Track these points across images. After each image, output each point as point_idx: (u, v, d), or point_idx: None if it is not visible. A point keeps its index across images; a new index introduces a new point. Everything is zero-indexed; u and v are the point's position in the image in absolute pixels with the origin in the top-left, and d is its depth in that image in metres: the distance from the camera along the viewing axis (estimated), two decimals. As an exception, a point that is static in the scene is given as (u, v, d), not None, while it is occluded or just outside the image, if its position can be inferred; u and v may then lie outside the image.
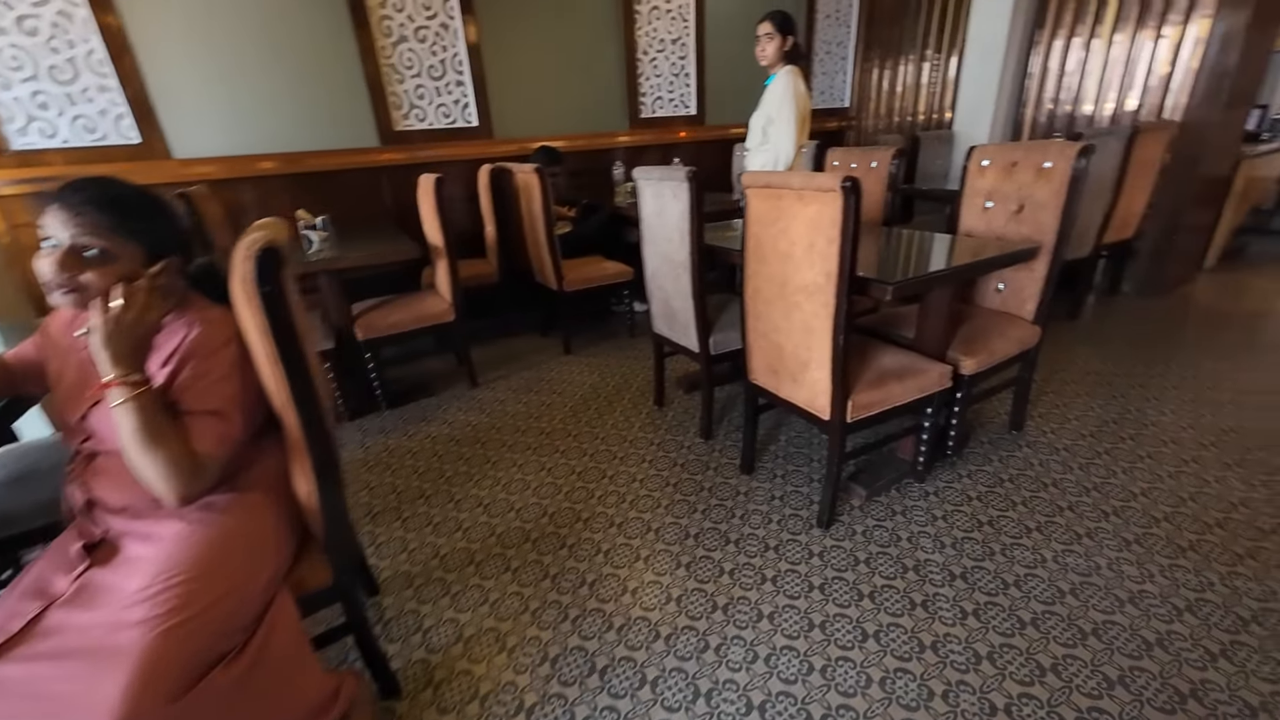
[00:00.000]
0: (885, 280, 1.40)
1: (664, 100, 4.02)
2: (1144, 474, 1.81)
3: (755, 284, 1.62)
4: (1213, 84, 3.02)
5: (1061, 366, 2.60)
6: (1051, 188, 1.76)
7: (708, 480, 1.94)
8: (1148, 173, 3.08)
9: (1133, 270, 3.49)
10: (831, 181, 1.25)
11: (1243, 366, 2.49)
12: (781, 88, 2.48)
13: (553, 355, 3.13)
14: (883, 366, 1.62)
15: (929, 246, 1.85)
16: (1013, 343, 1.83)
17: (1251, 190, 4.05)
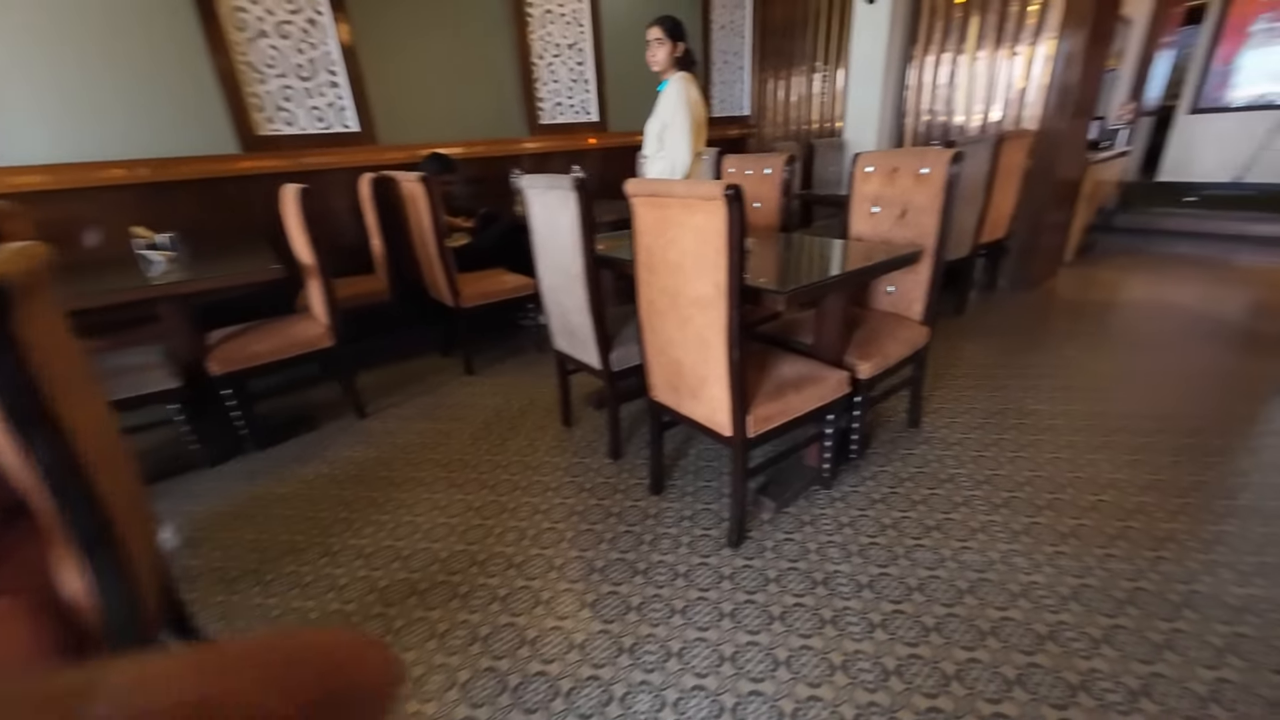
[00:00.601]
0: (777, 289, 1.36)
1: (564, 106, 3.91)
2: (1026, 463, 1.91)
3: (648, 296, 1.54)
4: (1060, 97, 3.33)
5: (951, 362, 2.74)
6: (930, 193, 1.81)
7: (616, 505, 1.83)
8: (1013, 178, 3.35)
9: (1006, 267, 3.79)
10: (714, 190, 1.19)
11: (1099, 354, 2.73)
12: (674, 94, 2.44)
13: (453, 377, 2.91)
14: (782, 376, 1.59)
15: (822, 252, 1.86)
16: (904, 344, 1.87)
17: (1097, 192, 4.55)
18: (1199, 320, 3.09)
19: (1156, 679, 1.16)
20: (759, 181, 2.38)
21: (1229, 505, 1.65)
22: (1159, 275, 4.00)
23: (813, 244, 1.96)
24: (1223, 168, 5.91)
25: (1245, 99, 5.77)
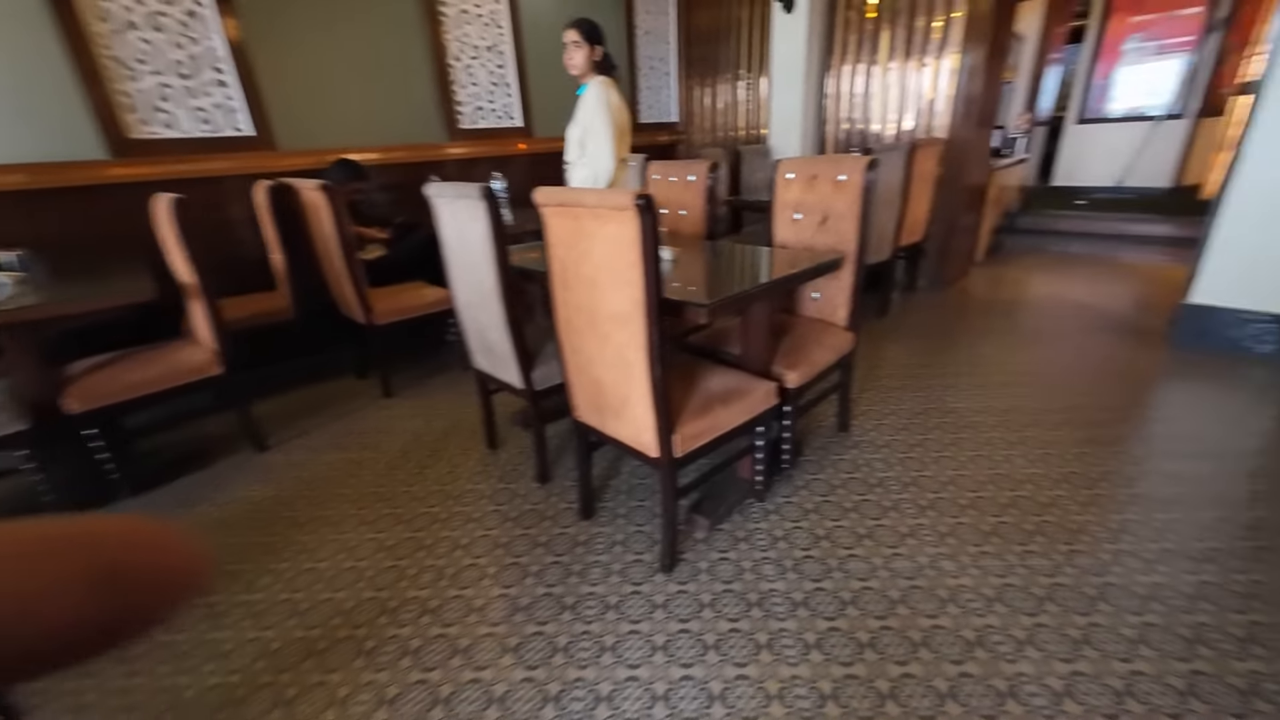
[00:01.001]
0: (699, 301, 1.30)
1: (485, 111, 3.75)
2: (950, 462, 1.95)
3: (565, 313, 1.45)
4: (965, 107, 3.51)
5: (877, 362, 2.80)
6: (848, 200, 1.82)
7: (543, 533, 1.72)
8: (927, 183, 3.49)
9: (924, 268, 3.95)
10: (625, 199, 1.11)
11: (1010, 350, 2.87)
12: (593, 99, 2.36)
13: (370, 400, 2.70)
14: (710, 391, 1.53)
15: (747, 260, 1.83)
16: (831, 351, 1.87)
17: (1002, 196, 4.85)
18: (1093, 314, 3.32)
19: (1077, 678, 1.18)
20: (683, 189, 2.34)
21: (1131, 494, 1.74)
22: (1057, 273, 4.30)
23: (737, 252, 1.93)
24: (1107, 173, 6.49)
25: (1122, 110, 6.37)
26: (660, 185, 2.42)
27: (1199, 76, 5.82)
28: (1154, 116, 6.11)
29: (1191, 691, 1.14)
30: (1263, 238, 2.47)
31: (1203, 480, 1.78)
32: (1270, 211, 2.43)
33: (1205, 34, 5.71)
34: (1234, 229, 2.54)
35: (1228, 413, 2.17)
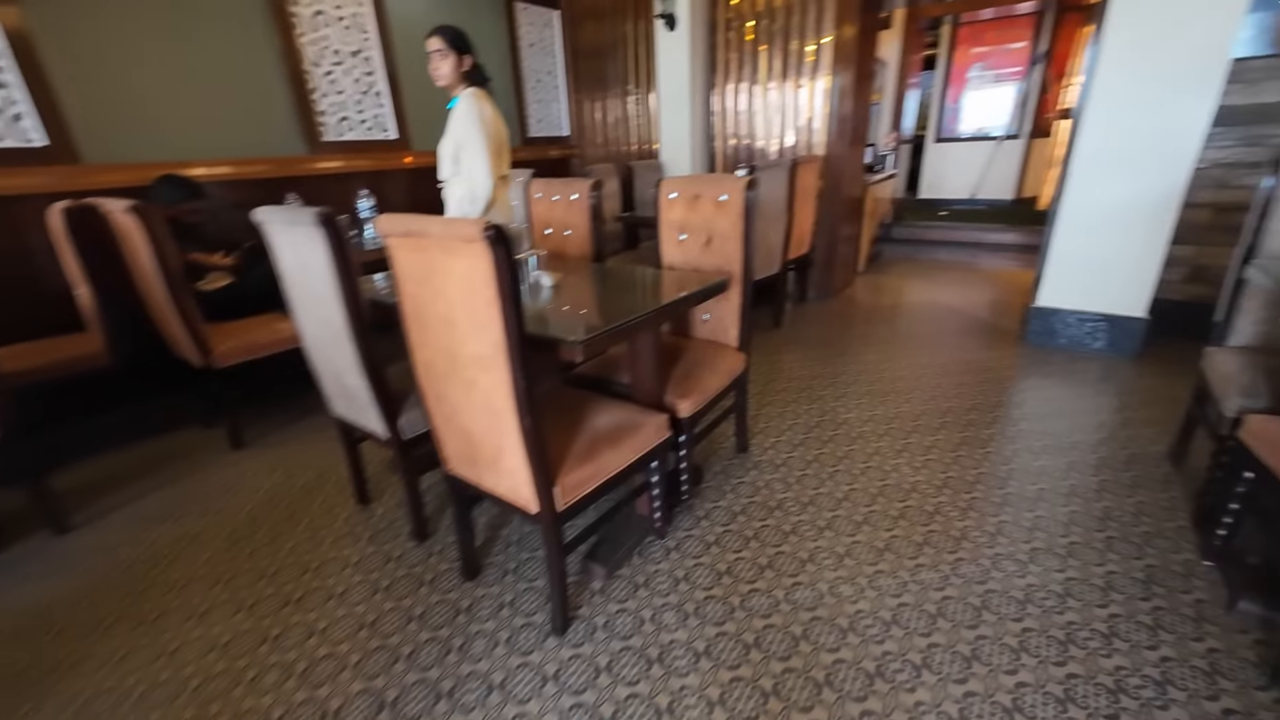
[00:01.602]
0: (571, 337, 1.18)
1: (353, 122, 3.42)
2: (844, 477, 1.97)
3: (424, 355, 1.27)
4: (839, 126, 3.71)
5: (773, 376, 2.84)
6: (731, 219, 1.79)
7: (419, 603, 1.51)
8: (809, 198, 3.63)
9: (813, 279, 4.12)
10: (473, 230, 0.97)
11: (892, 356, 3.03)
12: (464, 112, 2.19)
13: (216, 454, 2.32)
14: (596, 430, 1.42)
15: (633, 285, 1.74)
16: (723, 375, 1.82)
17: (877, 209, 5.20)
18: (960, 318, 3.60)
19: (970, 699, 1.18)
20: (567, 208, 2.22)
21: (1003, 495, 1.83)
22: (928, 279, 4.67)
23: (624, 276, 1.84)
24: (963, 186, 7.22)
25: (970, 131, 7.12)
26: (542, 204, 2.29)
27: (1029, 102, 6.64)
28: (996, 137, 6.88)
29: (1069, 697, 1.17)
30: (1089, 247, 2.78)
31: (1059, 474, 1.92)
32: (1093, 223, 2.74)
33: (1031, 66, 6.53)
34: (1066, 239, 2.84)
35: (1074, 406, 2.39)
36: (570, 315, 1.46)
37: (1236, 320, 1.73)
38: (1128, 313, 2.78)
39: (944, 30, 6.91)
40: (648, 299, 1.57)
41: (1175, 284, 2.94)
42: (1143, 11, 2.43)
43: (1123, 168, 2.61)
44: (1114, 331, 2.83)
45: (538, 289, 1.65)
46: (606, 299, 1.65)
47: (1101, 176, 2.67)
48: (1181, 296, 2.94)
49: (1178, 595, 1.41)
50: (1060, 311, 2.95)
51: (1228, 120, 2.63)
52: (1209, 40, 2.34)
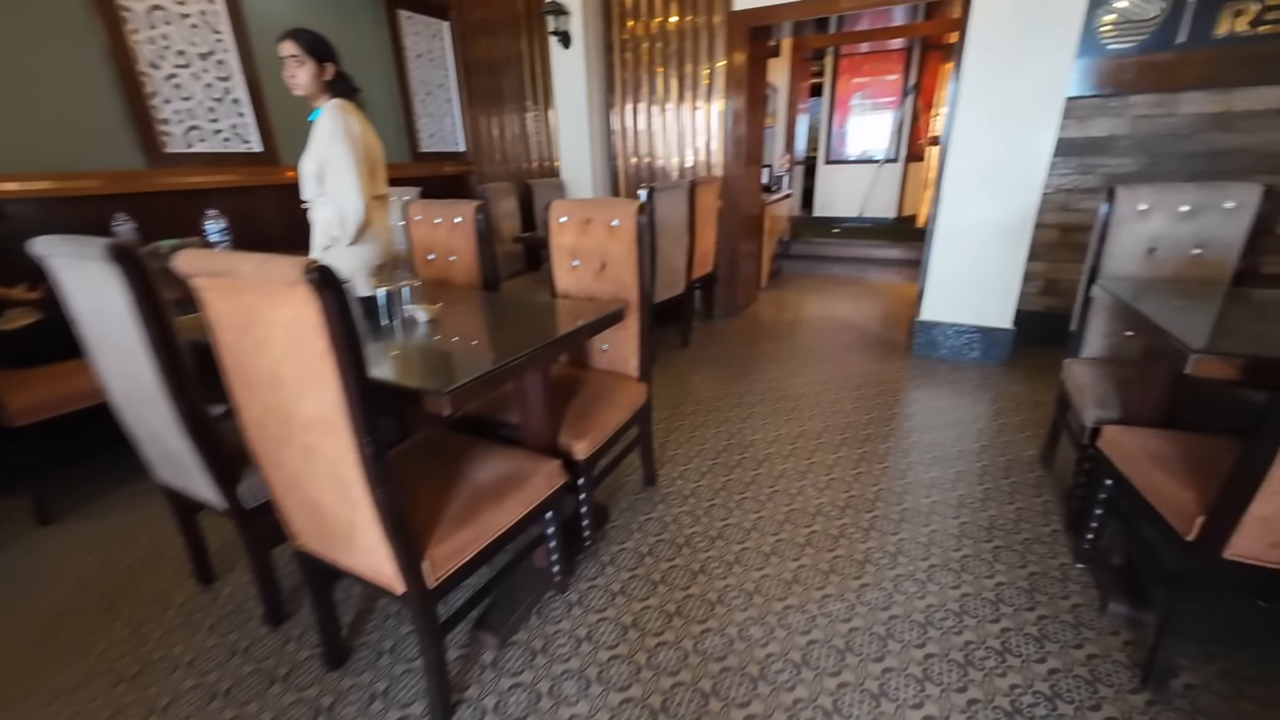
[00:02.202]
0: (435, 388, 1.02)
1: (206, 131, 3.02)
2: (751, 504, 1.93)
3: (253, 416, 1.05)
4: (735, 148, 3.79)
5: (682, 398, 2.79)
6: (623, 245, 1.70)
7: (270, 706, 1.26)
8: (710, 217, 3.67)
9: (718, 297, 4.17)
10: (293, 271, 0.79)
11: (794, 372, 3.09)
12: (327, 125, 1.95)
13: (16, 531, 1.88)
14: (477, 486, 1.26)
15: (522, 317, 1.60)
16: (623, 408, 1.72)
17: (775, 227, 5.40)
18: (854, 332, 3.78)
19: (881, 744, 1.14)
20: (450, 231, 2.04)
21: (901, 511, 1.87)
22: (825, 293, 4.89)
23: (512, 306, 1.70)
24: (852, 205, 7.72)
25: (855, 154, 7.66)
26: (422, 227, 2.10)
27: (904, 129, 7.25)
28: (877, 160, 7.45)
29: (972, 726, 1.16)
30: (962, 264, 3.00)
31: (949, 485, 2.00)
32: (964, 243, 2.96)
33: (903, 96, 7.14)
34: (942, 257, 3.05)
35: (957, 415, 2.53)
36: (443, 358, 1.30)
37: (1087, 334, 1.89)
38: (996, 324, 3.03)
39: (828, 61, 7.40)
40: (535, 333, 1.44)
41: (1032, 296, 3.24)
42: (991, 54, 2.67)
43: (985, 192, 2.84)
44: (986, 342, 3.07)
45: (412, 325, 1.47)
46: (489, 334, 1.50)
47: (968, 200, 2.90)
48: (1039, 308, 3.25)
49: (1058, 602, 1.48)
50: (941, 324, 3.15)
51: (1065, 151, 2.95)
52: (1047, 80, 2.60)
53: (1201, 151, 2.73)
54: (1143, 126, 2.80)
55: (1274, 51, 2.50)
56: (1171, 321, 1.27)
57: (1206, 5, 2.55)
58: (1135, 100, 2.78)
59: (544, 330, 1.46)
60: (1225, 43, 2.56)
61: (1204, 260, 1.71)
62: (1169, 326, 1.21)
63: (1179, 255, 1.73)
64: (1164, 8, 2.62)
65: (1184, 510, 1.14)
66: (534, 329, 1.52)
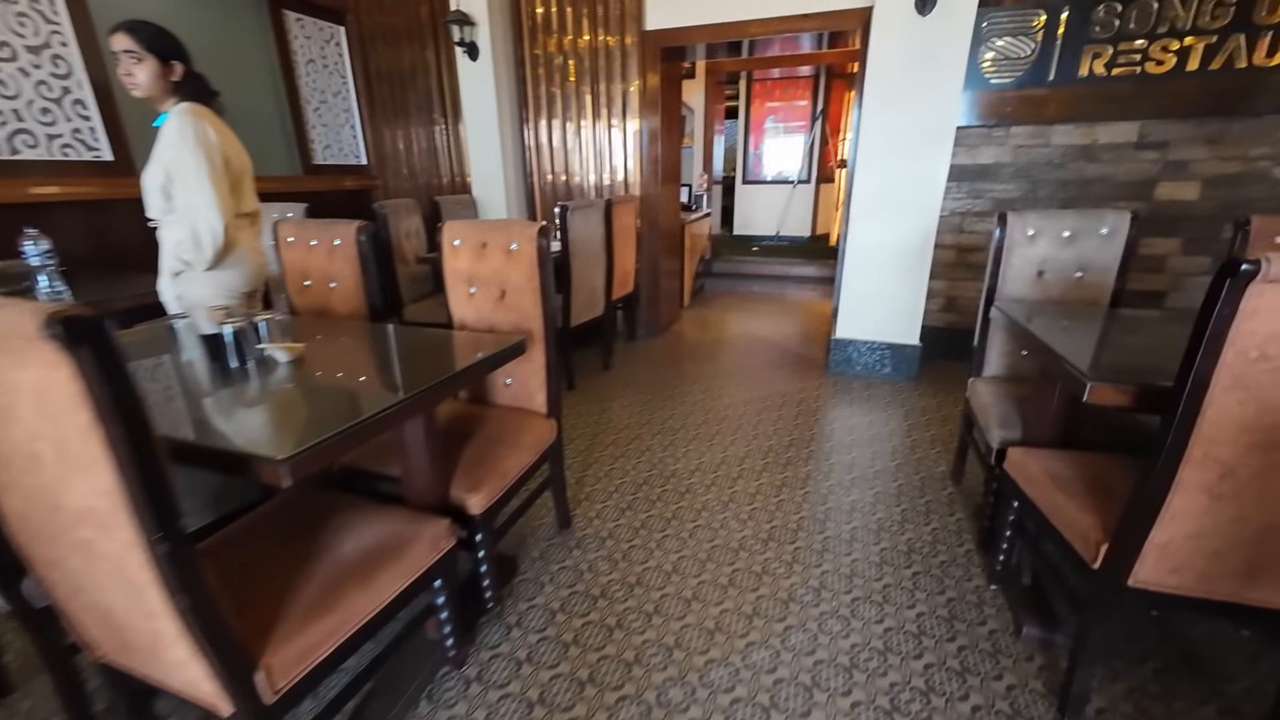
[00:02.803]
0: (269, 455, 0.83)
1: (37, 136, 2.58)
2: (672, 542, 1.82)
3: (13, 504, 0.81)
4: (652, 167, 3.75)
5: (602, 427, 2.65)
6: (524, 271, 1.56)
7: None
8: (629, 237, 3.59)
9: (640, 317, 4.09)
10: (27, 322, 0.59)
11: (715, 394, 3.04)
12: (174, 133, 1.68)
13: None
14: (340, 561, 1.06)
15: (405, 351, 1.41)
16: (528, 450, 1.56)
17: (696, 245, 5.43)
18: (773, 349, 3.81)
19: (809, 819, 1.04)
20: (329, 255, 1.81)
21: (823, 540, 1.82)
22: (746, 311, 4.95)
23: (399, 341, 1.50)
24: (769, 224, 7.98)
25: (771, 174, 7.93)
26: (297, 250, 1.85)
27: (814, 152, 7.60)
28: (791, 181, 7.75)
29: (901, 784, 1.09)
30: (870, 283, 3.09)
31: (868, 509, 1.98)
32: (871, 263, 3.05)
33: (813, 121, 7.49)
34: (853, 276, 3.13)
35: (872, 432, 2.56)
36: (295, 411, 1.09)
37: (988, 354, 1.95)
38: (905, 341, 3.13)
39: (742, 85, 7.65)
40: (420, 373, 1.26)
41: (935, 313, 3.40)
42: (889, 84, 2.79)
43: (888, 214, 2.95)
44: (896, 358, 3.16)
45: (268, 368, 1.25)
46: (364, 376, 1.30)
47: (874, 222, 2.99)
48: (941, 324, 3.40)
49: (976, 629, 1.46)
50: (855, 342, 3.23)
51: (958, 177, 3.12)
52: (939, 110, 2.74)
53: (1073, 179, 2.97)
54: (1023, 155, 3.02)
55: (1127, 91, 2.76)
56: (1062, 343, 1.29)
57: (1071, 47, 2.79)
58: (1016, 131, 2.99)
59: (430, 369, 1.28)
60: (1087, 81, 2.81)
61: (1086, 283, 1.80)
62: (1064, 352, 1.23)
63: (1064, 278, 1.81)
64: (1035, 47, 2.84)
65: (1088, 536, 1.14)
66: (419, 368, 1.34)
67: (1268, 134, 2.66)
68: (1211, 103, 2.67)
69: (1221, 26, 2.57)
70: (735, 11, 3.19)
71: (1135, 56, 2.71)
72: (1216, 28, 2.58)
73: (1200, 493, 0.97)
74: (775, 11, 3.11)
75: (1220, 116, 2.69)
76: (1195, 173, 2.79)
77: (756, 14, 3.15)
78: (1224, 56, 2.60)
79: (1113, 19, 2.70)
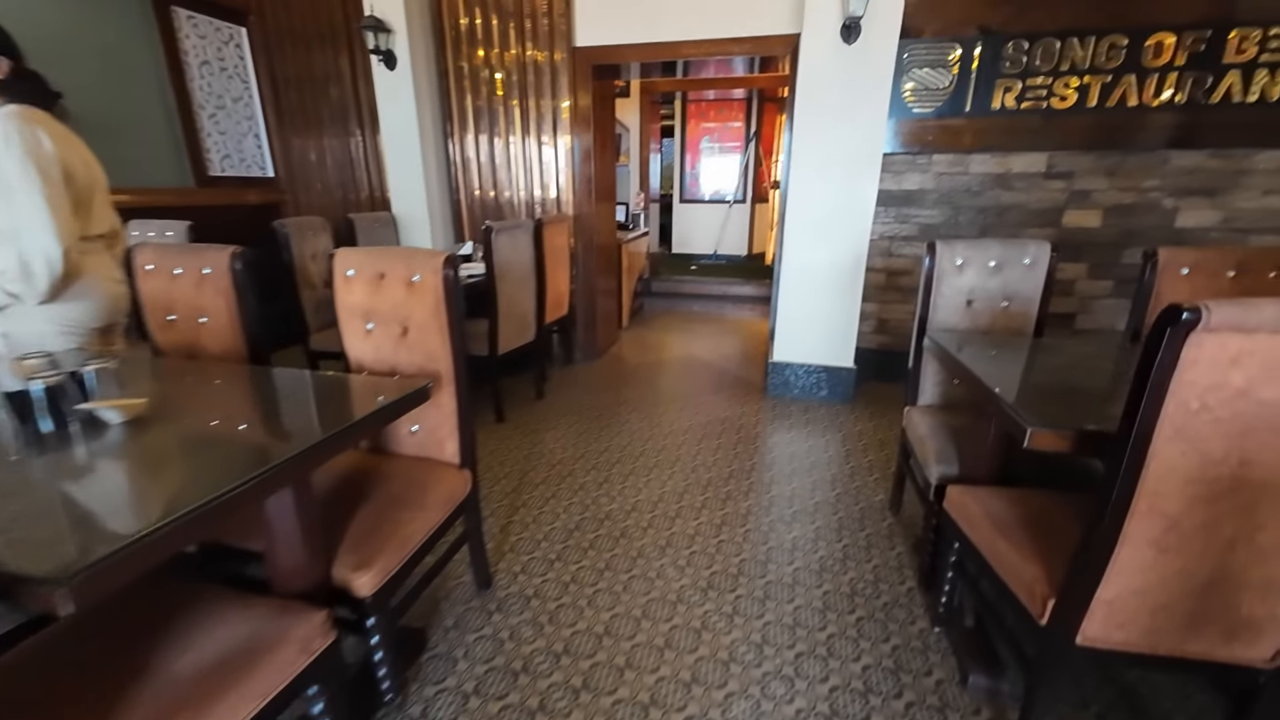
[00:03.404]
0: (42, 577, 0.62)
1: None
2: (605, 598, 1.66)
3: None
4: (586, 186, 3.63)
5: (533, 464, 2.47)
6: (428, 305, 1.38)
7: None
8: (562, 257, 3.44)
9: (577, 340, 3.94)
10: None
11: (654, 422, 2.92)
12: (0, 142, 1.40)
13: None
14: (170, 683, 0.83)
15: (284, 405, 1.20)
16: (436, 508, 1.37)
17: (635, 264, 5.34)
18: (713, 373, 3.75)
19: None
20: (197, 286, 1.56)
21: (765, 586, 1.72)
22: (686, 331, 4.89)
23: (278, 388, 1.28)
24: (708, 243, 8.04)
25: (708, 194, 8.01)
26: (157, 280, 1.58)
27: (749, 173, 7.75)
28: (728, 200, 7.86)
29: None
30: (805, 306, 3.08)
31: (810, 546, 1.90)
32: (805, 285, 3.05)
33: (747, 143, 7.65)
34: (788, 299, 3.11)
35: (812, 459, 2.51)
36: (110, 498, 0.87)
37: (922, 383, 1.93)
38: (840, 364, 3.14)
39: (677, 105, 7.71)
40: (288, 434, 1.06)
41: (868, 335, 3.44)
42: (817, 109, 2.80)
43: (822, 237, 2.96)
44: (832, 381, 3.16)
45: (95, 431, 1.01)
46: (222, 440, 1.08)
47: (808, 244, 2.99)
48: (874, 345, 3.45)
49: (922, 680, 1.39)
50: (792, 365, 3.21)
51: (886, 202, 3.19)
52: (867, 137, 2.78)
53: (990, 206, 3.09)
54: (945, 182, 3.11)
55: (1035, 124, 2.91)
56: (993, 374, 1.25)
57: (984, 80, 2.91)
58: (938, 158, 3.08)
59: (305, 425, 1.08)
60: (1000, 114, 2.93)
61: (1012, 311, 1.81)
62: (1000, 389, 1.18)
63: (992, 307, 1.82)
64: (952, 80, 2.95)
65: (1033, 589, 1.08)
66: (293, 424, 1.13)
67: (1157, 168, 2.86)
68: (1108, 137, 2.85)
69: (1115, 67, 2.75)
70: (667, 32, 3.14)
71: (1042, 92, 2.85)
72: (1111, 68, 2.75)
73: (1146, 546, 0.93)
74: (706, 34, 3.09)
75: (1117, 150, 2.87)
76: (1097, 202, 2.96)
77: (688, 36, 3.12)
78: (1118, 95, 2.78)
79: (1021, 55, 2.83)
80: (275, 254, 2.80)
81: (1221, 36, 2.62)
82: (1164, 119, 2.77)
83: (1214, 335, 0.80)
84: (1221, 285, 1.65)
